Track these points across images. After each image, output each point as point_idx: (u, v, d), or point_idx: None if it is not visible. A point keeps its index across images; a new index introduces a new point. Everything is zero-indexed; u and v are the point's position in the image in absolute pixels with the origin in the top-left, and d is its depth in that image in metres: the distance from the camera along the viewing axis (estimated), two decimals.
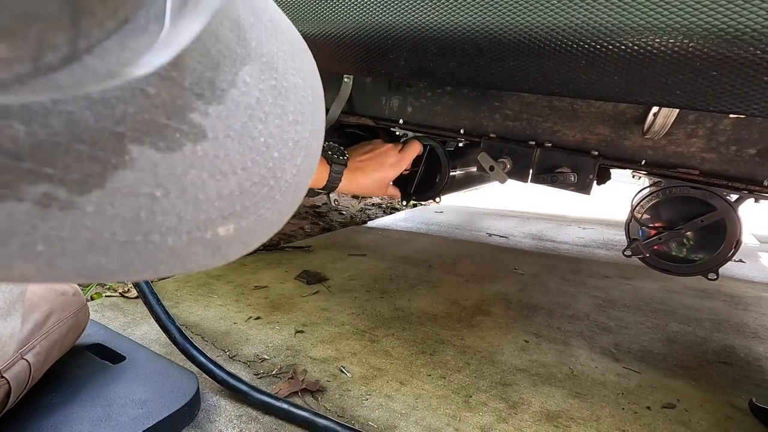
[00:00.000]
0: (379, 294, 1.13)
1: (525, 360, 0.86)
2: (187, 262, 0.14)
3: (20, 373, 0.54)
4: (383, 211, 2.31)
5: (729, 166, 0.67)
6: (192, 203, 0.13)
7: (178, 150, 0.13)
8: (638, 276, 1.44)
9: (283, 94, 0.16)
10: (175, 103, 0.13)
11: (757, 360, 0.93)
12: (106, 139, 0.11)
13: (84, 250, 0.11)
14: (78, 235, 0.11)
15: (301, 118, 0.17)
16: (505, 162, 0.80)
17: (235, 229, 0.15)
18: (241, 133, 0.14)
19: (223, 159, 0.14)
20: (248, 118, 0.15)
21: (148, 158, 0.12)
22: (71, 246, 0.11)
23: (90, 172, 0.11)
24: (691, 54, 0.37)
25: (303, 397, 0.69)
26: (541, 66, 0.46)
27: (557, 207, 2.86)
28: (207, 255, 0.14)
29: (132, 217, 0.12)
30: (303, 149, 0.17)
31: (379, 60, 0.56)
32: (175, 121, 0.13)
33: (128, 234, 0.12)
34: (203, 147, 0.13)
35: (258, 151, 0.15)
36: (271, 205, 0.16)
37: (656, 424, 0.69)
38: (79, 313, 0.67)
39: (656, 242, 0.75)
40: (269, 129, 0.15)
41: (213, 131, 0.14)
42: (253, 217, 0.15)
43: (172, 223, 0.13)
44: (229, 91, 0.14)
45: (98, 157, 0.11)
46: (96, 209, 0.11)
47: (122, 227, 0.12)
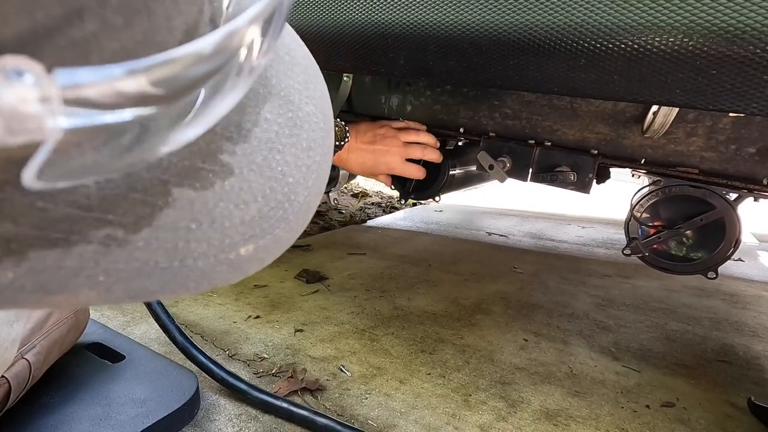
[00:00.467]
0: (378, 293, 1.13)
1: (524, 359, 0.86)
2: (213, 279, 0.16)
3: (20, 372, 0.54)
4: (383, 210, 2.31)
5: (728, 164, 0.67)
6: (219, 230, 0.15)
7: (210, 187, 0.14)
8: (638, 275, 1.44)
9: (299, 124, 0.17)
10: (209, 148, 0.14)
11: (755, 358, 0.93)
12: (155, 186, 0.13)
13: (134, 276, 0.13)
14: (130, 266, 0.13)
15: (314, 144, 0.18)
16: (505, 161, 0.80)
17: (254, 248, 0.16)
18: (262, 166, 0.16)
19: (246, 190, 0.15)
20: (269, 151, 0.16)
21: (186, 197, 0.14)
22: (124, 274, 0.13)
23: (142, 214, 0.13)
24: (690, 52, 0.37)
25: (302, 396, 0.69)
26: (540, 65, 0.45)
27: (556, 206, 2.86)
28: (230, 272, 0.16)
29: (172, 247, 0.14)
30: (314, 172, 0.18)
31: (378, 58, 0.56)
32: (209, 164, 0.14)
33: (168, 261, 0.14)
34: (230, 182, 0.15)
35: (276, 179, 0.16)
36: (285, 225, 0.17)
37: (655, 423, 0.69)
38: (79, 313, 0.67)
39: (656, 241, 0.75)
40: (286, 158, 0.17)
41: (239, 167, 0.15)
42: (270, 237, 0.16)
43: (203, 248, 0.14)
44: (252, 129, 0.16)
45: (148, 202, 0.13)
46: (145, 244, 0.13)
47: (164, 256, 0.14)
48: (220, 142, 0.15)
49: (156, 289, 0.14)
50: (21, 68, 0.08)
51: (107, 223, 0.12)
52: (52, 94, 0.08)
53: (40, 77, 0.08)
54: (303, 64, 0.20)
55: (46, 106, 0.08)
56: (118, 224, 0.13)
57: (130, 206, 0.13)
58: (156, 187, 0.13)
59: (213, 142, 0.14)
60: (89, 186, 0.12)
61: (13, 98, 0.08)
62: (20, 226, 0.11)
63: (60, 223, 0.12)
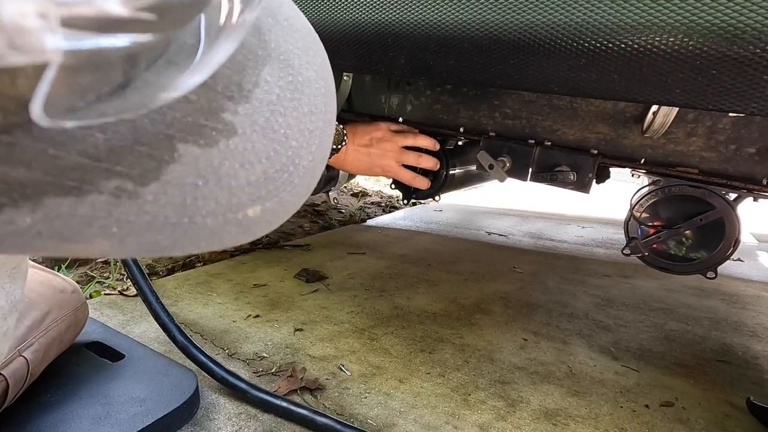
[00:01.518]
0: (378, 292, 1.13)
1: (524, 358, 0.86)
2: (223, 239, 0.16)
3: (18, 370, 0.54)
4: (382, 209, 2.30)
5: (728, 164, 0.67)
6: (226, 189, 0.15)
7: (214, 145, 0.15)
8: (637, 275, 1.44)
9: (299, 89, 0.18)
10: (211, 105, 0.15)
11: (755, 358, 0.93)
12: (160, 140, 0.14)
13: (145, 229, 0.14)
14: (141, 218, 0.14)
15: (315, 109, 0.19)
16: (505, 160, 0.80)
17: (261, 210, 0.17)
18: (265, 127, 0.16)
19: (250, 151, 0.16)
20: (270, 113, 0.17)
21: (191, 154, 0.15)
22: (136, 227, 0.14)
23: (148, 167, 0.14)
24: (691, 52, 0.37)
25: (302, 395, 0.69)
26: (540, 64, 0.45)
27: (556, 206, 2.86)
28: (239, 233, 0.17)
29: (180, 203, 0.15)
30: (317, 138, 0.19)
31: (378, 57, 0.56)
32: (211, 121, 0.15)
33: (177, 216, 0.15)
34: (234, 141, 0.16)
35: (279, 141, 0.17)
36: (291, 189, 0.18)
37: (654, 423, 0.69)
38: (78, 311, 0.67)
39: (655, 241, 0.75)
40: (288, 121, 0.17)
41: (242, 127, 0.16)
42: (276, 199, 0.17)
43: (211, 207, 0.15)
44: (253, 90, 0.16)
45: (154, 155, 0.14)
46: (154, 197, 0.14)
47: (173, 211, 0.14)
48: (221, 100, 0.15)
49: (167, 244, 0.15)
50: None
51: (116, 174, 0.13)
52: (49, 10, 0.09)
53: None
54: (302, 31, 0.20)
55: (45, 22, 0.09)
56: (127, 176, 0.13)
57: (137, 159, 0.13)
58: (161, 141, 0.14)
59: (215, 100, 0.15)
60: (97, 136, 0.12)
61: (14, 11, 0.08)
62: (34, 172, 0.12)
63: (72, 171, 0.12)
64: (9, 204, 0.12)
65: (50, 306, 0.61)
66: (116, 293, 1.01)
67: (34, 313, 0.59)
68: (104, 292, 1.01)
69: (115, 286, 1.04)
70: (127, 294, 1.00)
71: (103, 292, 1.01)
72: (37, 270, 0.66)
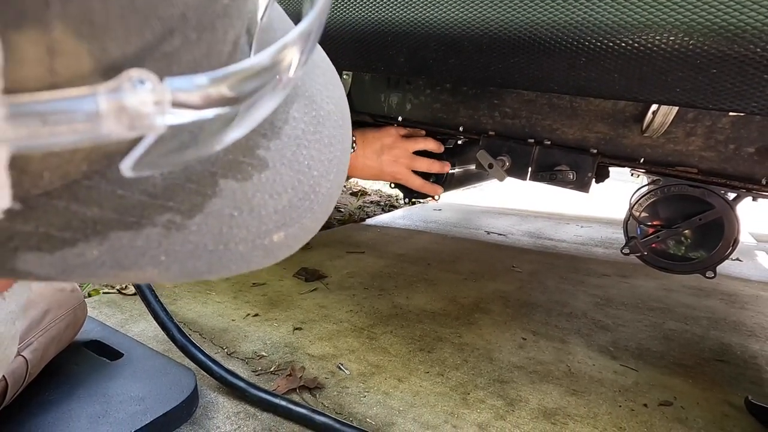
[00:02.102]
0: (377, 291, 1.13)
1: (523, 357, 0.86)
2: (250, 263, 0.17)
3: (17, 369, 0.54)
4: (381, 208, 2.30)
5: (727, 164, 0.67)
6: (257, 218, 0.17)
7: (249, 179, 0.16)
8: (636, 274, 1.44)
9: (321, 122, 0.20)
10: (248, 143, 0.16)
11: (753, 358, 0.93)
12: (206, 178, 0.15)
13: (188, 257, 0.15)
14: (185, 248, 0.15)
15: (334, 140, 0.20)
16: (504, 160, 0.80)
17: (285, 235, 0.18)
18: (292, 160, 0.18)
19: (278, 182, 0.17)
20: (297, 146, 0.18)
21: (230, 188, 0.16)
22: (180, 255, 0.15)
23: (195, 202, 0.15)
24: (691, 51, 0.37)
25: (301, 394, 0.69)
26: (540, 63, 0.45)
27: (555, 205, 2.86)
28: (264, 257, 0.18)
29: (218, 232, 0.16)
30: (335, 166, 0.20)
31: (378, 56, 0.56)
32: (248, 158, 0.16)
33: (215, 244, 0.16)
34: (266, 175, 0.17)
35: (303, 172, 0.18)
36: (311, 215, 0.19)
37: (653, 422, 0.70)
38: (77, 310, 0.67)
39: (654, 240, 0.75)
40: (311, 153, 0.19)
41: (272, 161, 0.17)
42: (298, 225, 0.18)
43: (243, 234, 0.16)
44: (283, 127, 0.18)
45: (200, 191, 0.15)
46: (197, 228, 0.15)
47: (211, 240, 0.16)
48: (257, 138, 0.17)
49: (204, 269, 0.16)
50: (143, 78, 0.10)
51: (169, 209, 0.15)
52: (165, 98, 0.11)
53: (156, 85, 0.10)
54: (323, 67, 0.22)
55: (159, 107, 0.10)
56: (177, 210, 0.15)
57: (187, 195, 0.15)
58: (206, 179, 0.15)
59: (251, 138, 0.16)
60: (156, 177, 0.14)
61: (138, 101, 0.10)
62: (104, 211, 0.13)
63: (134, 208, 0.14)
64: (82, 239, 0.13)
65: (49, 305, 0.61)
66: (115, 292, 1.00)
67: (33, 312, 0.58)
68: (103, 291, 1.01)
69: (113, 284, 1.04)
70: (125, 293, 1.00)
71: (102, 290, 1.01)
72: None
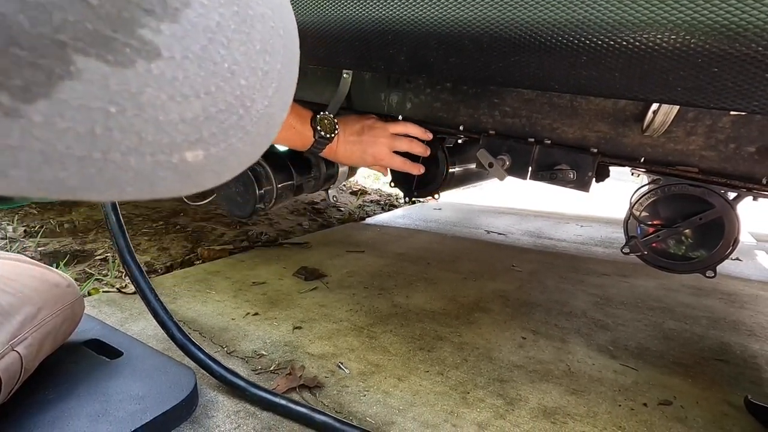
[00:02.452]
0: (377, 290, 1.13)
1: (522, 357, 0.86)
2: (156, 186, 0.14)
3: (11, 365, 0.53)
4: (381, 208, 2.30)
5: (728, 164, 0.67)
6: (152, 124, 0.13)
7: (130, 66, 0.13)
8: (636, 273, 1.44)
9: (248, 22, 0.16)
10: (120, 15, 0.12)
11: (752, 357, 0.93)
12: (46, 47, 0.11)
13: (39, 162, 0.12)
14: (29, 145, 0.11)
15: (271, 49, 0.17)
16: (504, 159, 0.80)
17: (204, 156, 0.15)
18: (202, 57, 0.14)
19: (182, 81, 0.14)
20: (208, 41, 0.14)
21: (96, 71, 0.12)
22: (24, 156, 0.11)
23: (33, 79, 0.11)
24: (692, 50, 0.37)
25: (301, 393, 0.69)
26: (541, 62, 0.45)
27: (555, 204, 2.86)
28: (177, 180, 0.14)
29: (86, 131, 0.12)
30: (274, 81, 0.17)
31: (378, 55, 0.56)
32: (122, 35, 0.13)
33: (85, 149, 0.12)
34: (159, 66, 0.13)
35: (222, 77, 0.15)
36: (243, 135, 0.16)
37: (653, 421, 0.70)
38: (74, 305, 0.67)
39: (654, 240, 0.75)
40: (233, 55, 0.15)
41: (169, 50, 0.13)
42: (224, 145, 0.15)
43: (133, 142, 0.13)
44: (183, 10, 0.14)
45: (40, 65, 0.11)
46: (45, 120, 0.11)
47: (77, 142, 0.12)
48: (135, 12, 0.13)
49: (75, 184, 0.13)
50: None
51: None
52: None
53: None
54: None
55: None
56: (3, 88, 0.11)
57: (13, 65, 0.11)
58: (48, 48, 0.11)
59: (126, 9, 0.13)
60: None
61: None
62: None
63: None
64: None
65: (44, 301, 0.61)
66: (114, 291, 1.00)
67: (27, 308, 0.58)
68: (102, 290, 1.01)
69: (113, 283, 1.04)
70: (125, 291, 1.00)
71: (102, 289, 1.01)
72: (31, 265, 0.65)
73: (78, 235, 1.39)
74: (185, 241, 1.43)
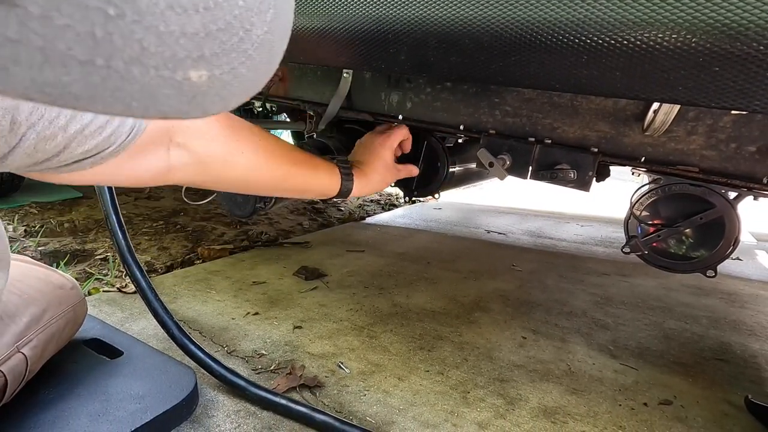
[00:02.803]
0: (377, 290, 1.13)
1: (522, 356, 0.86)
2: (159, 102, 0.14)
3: (16, 366, 0.53)
4: (381, 207, 2.30)
5: (728, 163, 0.67)
6: (153, 33, 0.13)
7: None
8: (636, 273, 1.44)
9: None
10: None
11: (753, 357, 0.93)
12: None
13: (40, 61, 0.11)
14: (29, 40, 0.11)
15: None
16: (505, 158, 0.79)
17: (208, 77, 0.14)
18: None
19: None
20: None
21: None
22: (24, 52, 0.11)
23: None
24: (693, 49, 0.37)
25: (301, 393, 0.69)
26: (542, 61, 0.45)
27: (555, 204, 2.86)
28: (181, 100, 0.14)
29: (86, 32, 0.12)
30: (271, 6, 0.16)
31: (378, 54, 0.56)
32: None
33: (87, 53, 0.12)
34: None
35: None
36: (245, 60, 0.15)
37: (653, 421, 0.70)
38: (77, 307, 0.67)
39: (655, 239, 0.75)
40: None
41: None
42: (227, 68, 0.15)
43: (135, 51, 0.13)
44: None
45: None
46: (42, 12, 0.11)
47: (77, 43, 0.12)
48: None
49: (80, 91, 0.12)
50: None
51: None
52: None
53: None
54: None
55: None
56: None
57: None
58: None
59: None
60: None
61: None
62: None
63: None
64: None
65: (48, 302, 0.61)
66: (115, 290, 1.00)
67: (33, 310, 0.58)
68: (103, 289, 1.01)
69: (113, 283, 1.04)
70: (125, 291, 1.00)
71: (102, 289, 1.01)
72: (35, 266, 0.65)
73: (78, 235, 1.39)
74: (185, 240, 1.43)
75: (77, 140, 0.37)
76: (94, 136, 0.38)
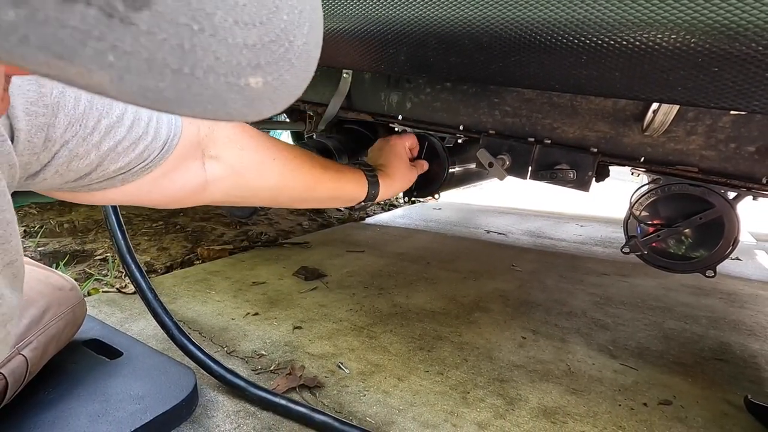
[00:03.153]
0: (377, 290, 1.12)
1: (522, 356, 0.86)
2: (228, 107, 0.16)
3: (17, 368, 0.53)
4: (381, 207, 2.30)
5: (728, 163, 0.67)
6: (224, 45, 0.15)
7: None
8: (635, 273, 1.44)
9: None
10: None
11: (752, 357, 0.93)
12: None
13: (145, 69, 0.14)
14: (138, 53, 0.13)
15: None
16: (504, 159, 0.79)
17: (263, 83, 0.17)
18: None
19: (242, 8, 0.16)
20: None
21: None
22: (134, 63, 0.13)
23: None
24: (693, 50, 0.37)
25: (301, 393, 0.69)
26: (541, 61, 0.45)
27: (555, 204, 2.86)
28: (244, 104, 0.16)
29: (178, 45, 0.14)
30: (307, 20, 0.19)
31: (378, 54, 0.56)
32: None
33: (177, 62, 0.14)
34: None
35: (270, 9, 0.17)
36: (289, 68, 0.18)
37: (653, 421, 0.70)
38: (77, 309, 0.67)
39: (654, 239, 0.75)
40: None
41: None
42: (276, 74, 0.17)
43: (211, 61, 0.15)
44: None
45: None
46: (148, 28, 0.13)
47: (171, 54, 0.14)
48: None
49: (171, 95, 0.14)
50: None
51: None
52: None
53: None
54: None
55: None
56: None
57: None
58: None
59: None
60: None
61: None
62: None
63: None
64: None
65: (48, 303, 0.61)
66: (114, 291, 1.00)
67: (33, 311, 0.58)
68: (102, 290, 1.01)
69: (113, 283, 1.04)
70: (125, 291, 0.99)
71: (102, 289, 1.01)
72: (35, 267, 0.65)
73: (78, 235, 1.39)
74: (185, 241, 1.43)
75: (110, 158, 0.38)
76: (128, 152, 0.39)
